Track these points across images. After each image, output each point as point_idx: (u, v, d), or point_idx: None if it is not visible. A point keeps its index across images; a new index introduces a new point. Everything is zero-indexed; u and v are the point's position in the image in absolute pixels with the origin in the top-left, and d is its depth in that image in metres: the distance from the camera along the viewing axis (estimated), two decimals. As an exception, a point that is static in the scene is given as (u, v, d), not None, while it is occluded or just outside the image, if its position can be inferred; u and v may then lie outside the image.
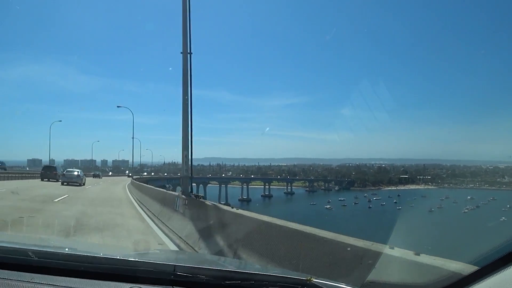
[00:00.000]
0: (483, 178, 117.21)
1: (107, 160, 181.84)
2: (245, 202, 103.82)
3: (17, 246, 2.31)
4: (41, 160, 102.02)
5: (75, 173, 32.22)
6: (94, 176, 62.79)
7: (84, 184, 31.81)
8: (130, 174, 68.91)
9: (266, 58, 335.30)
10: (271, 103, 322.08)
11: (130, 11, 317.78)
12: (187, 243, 7.48)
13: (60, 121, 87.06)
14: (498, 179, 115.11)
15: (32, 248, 2.13)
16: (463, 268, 2.36)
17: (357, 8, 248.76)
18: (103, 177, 67.96)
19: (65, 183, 29.86)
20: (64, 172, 33.12)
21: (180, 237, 8.22)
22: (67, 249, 2.45)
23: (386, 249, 3.16)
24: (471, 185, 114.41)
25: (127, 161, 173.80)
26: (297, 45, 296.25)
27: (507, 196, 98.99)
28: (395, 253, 3.06)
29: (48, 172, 36.96)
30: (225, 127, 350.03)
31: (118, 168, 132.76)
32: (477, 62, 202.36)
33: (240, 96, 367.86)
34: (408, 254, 2.98)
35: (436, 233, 61.18)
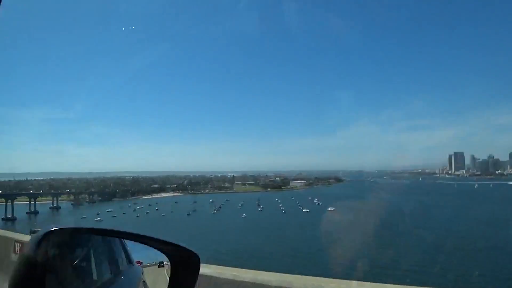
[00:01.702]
0: (213, 185, 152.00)
1: None
2: (10, 222, 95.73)
3: None
4: None
5: None
6: None
7: None
8: None
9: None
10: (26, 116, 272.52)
11: None
12: None
13: None
14: (222, 185, 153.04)
15: None
16: None
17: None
18: None
19: None
20: None
21: None
22: None
23: None
24: (207, 191, 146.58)
25: None
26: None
27: (235, 196, 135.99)
28: None
29: None
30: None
31: None
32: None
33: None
34: None
35: (195, 234, 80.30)
